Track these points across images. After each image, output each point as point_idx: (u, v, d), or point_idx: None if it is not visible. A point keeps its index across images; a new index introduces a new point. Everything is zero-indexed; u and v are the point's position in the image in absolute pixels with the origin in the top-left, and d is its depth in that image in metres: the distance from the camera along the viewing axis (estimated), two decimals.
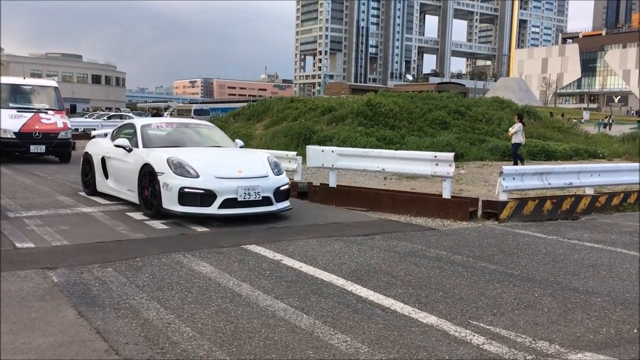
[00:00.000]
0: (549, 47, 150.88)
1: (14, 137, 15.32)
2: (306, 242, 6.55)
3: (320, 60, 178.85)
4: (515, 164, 16.56)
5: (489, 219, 8.52)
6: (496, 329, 3.98)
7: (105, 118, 37.34)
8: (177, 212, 7.40)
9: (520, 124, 16.88)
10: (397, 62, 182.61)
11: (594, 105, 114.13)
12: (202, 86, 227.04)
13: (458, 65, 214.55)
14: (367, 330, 3.91)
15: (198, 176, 7.45)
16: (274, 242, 6.51)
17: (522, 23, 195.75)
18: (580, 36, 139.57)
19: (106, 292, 4.58)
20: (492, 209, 8.63)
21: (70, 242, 6.29)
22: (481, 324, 4.07)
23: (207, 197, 7.36)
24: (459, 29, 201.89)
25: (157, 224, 7.42)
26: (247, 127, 25.78)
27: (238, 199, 7.45)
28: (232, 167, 7.85)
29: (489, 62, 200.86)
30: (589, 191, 9.74)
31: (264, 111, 27.93)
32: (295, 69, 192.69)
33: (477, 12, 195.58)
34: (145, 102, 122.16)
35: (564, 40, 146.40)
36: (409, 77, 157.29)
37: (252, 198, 7.55)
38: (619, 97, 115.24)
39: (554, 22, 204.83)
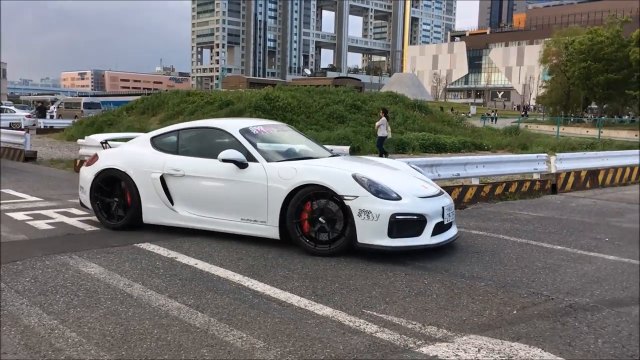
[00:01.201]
0: (439, 44, 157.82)
1: None
2: (202, 238, 6.42)
3: (217, 53, 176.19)
4: (381, 156, 17.30)
5: None
6: (388, 317, 4.10)
7: None
8: (385, 247, 5.64)
9: (384, 118, 17.63)
10: (295, 57, 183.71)
11: (480, 100, 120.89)
12: (92, 78, 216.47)
13: (354, 60, 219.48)
14: (263, 325, 3.90)
15: (400, 198, 5.81)
16: (168, 239, 6.32)
17: (414, 21, 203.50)
18: (467, 34, 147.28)
19: None
20: None
21: None
22: (374, 313, 4.18)
23: (418, 223, 5.81)
24: (355, 25, 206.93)
25: (41, 224, 6.98)
26: (142, 121, 24.90)
27: (444, 222, 6.06)
28: (417, 182, 6.42)
29: (384, 58, 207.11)
30: (475, 181, 10.29)
31: (159, 105, 27.12)
32: (193, 62, 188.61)
33: (371, 9, 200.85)
34: (30, 94, 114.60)
35: (453, 38, 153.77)
36: (307, 71, 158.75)
37: (450, 220, 6.21)
38: (502, 93, 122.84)
39: (443, 20, 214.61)
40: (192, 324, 3.88)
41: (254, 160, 6.25)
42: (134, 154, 6.99)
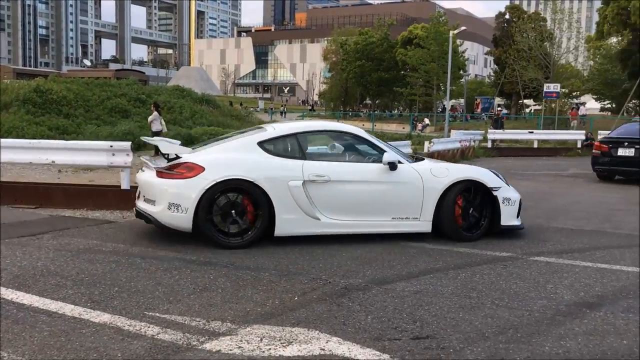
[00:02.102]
0: (226, 39, 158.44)
1: None
2: None
3: None
4: (157, 152, 16.96)
5: None
6: (172, 317, 3.99)
7: None
8: (518, 226, 6.90)
9: (156, 113, 17.45)
10: (72, 46, 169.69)
11: (268, 95, 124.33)
12: None
13: (139, 52, 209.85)
14: (29, 341, 3.52)
15: (508, 185, 6.97)
16: None
17: (200, 14, 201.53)
18: (253, 30, 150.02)
19: None
20: None
21: None
22: (157, 314, 4.04)
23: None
24: (138, 15, 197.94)
25: None
26: None
27: None
28: None
29: (170, 51, 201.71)
30: None
31: None
32: None
33: (155, 0, 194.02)
34: None
35: (239, 34, 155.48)
36: (87, 62, 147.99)
37: None
38: (288, 88, 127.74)
39: (229, 15, 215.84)
40: None
41: (399, 161, 6.52)
42: (256, 161, 6.18)
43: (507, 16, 54.20)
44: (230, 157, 6.27)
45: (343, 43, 58.64)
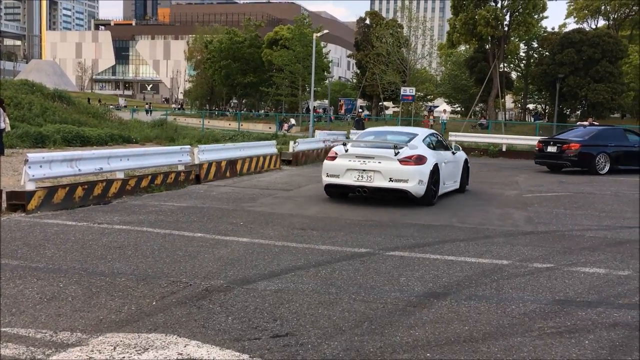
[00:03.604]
0: (82, 31, 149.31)
1: None
2: None
3: None
4: (2, 152, 15.80)
5: (15, 211, 7.91)
6: (14, 330, 3.70)
7: None
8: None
9: (0, 109, 16.23)
10: None
11: (130, 92, 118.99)
12: None
13: None
14: None
15: None
16: None
17: (53, 4, 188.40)
18: (112, 24, 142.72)
19: None
20: (19, 200, 8.05)
21: None
22: None
23: None
24: None
25: None
26: None
27: None
28: None
29: (19, 42, 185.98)
30: (120, 175, 10.06)
31: None
32: None
33: None
34: None
35: (97, 27, 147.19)
36: None
37: None
38: (151, 85, 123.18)
39: (86, 7, 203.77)
40: None
41: (447, 149, 11.21)
42: (430, 152, 10.07)
43: (367, 21, 56.41)
44: (430, 151, 10.08)
45: (209, 42, 57.62)
